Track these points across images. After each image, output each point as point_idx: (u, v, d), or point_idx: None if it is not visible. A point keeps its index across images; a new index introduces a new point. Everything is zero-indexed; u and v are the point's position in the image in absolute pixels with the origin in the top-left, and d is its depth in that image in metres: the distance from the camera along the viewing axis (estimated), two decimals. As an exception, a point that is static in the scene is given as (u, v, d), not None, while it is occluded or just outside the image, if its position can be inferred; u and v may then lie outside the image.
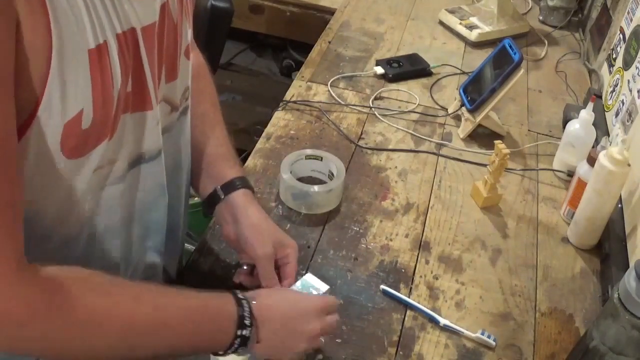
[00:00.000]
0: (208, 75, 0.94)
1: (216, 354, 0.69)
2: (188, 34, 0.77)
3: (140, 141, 0.71)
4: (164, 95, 0.75)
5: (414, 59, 1.45)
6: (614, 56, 1.33)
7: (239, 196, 0.84)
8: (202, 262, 0.91)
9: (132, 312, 0.61)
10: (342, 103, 1.30)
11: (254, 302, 0.69)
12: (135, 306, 0.61)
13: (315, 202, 1.00)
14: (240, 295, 0.69)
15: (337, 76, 1.38)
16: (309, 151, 1.07)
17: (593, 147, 1.11)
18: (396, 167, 1.15)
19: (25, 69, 0.53)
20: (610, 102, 1.26)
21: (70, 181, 0.63)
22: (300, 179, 1.03)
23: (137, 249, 0.79)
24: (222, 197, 0.84)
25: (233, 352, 0.68)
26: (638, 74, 1.13)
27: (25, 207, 0.59)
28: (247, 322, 0.67)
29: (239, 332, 0.66)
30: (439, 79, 1.42)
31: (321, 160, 1.06)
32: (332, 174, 1.04)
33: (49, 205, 0.64)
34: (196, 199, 1.91)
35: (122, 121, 0.66)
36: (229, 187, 0.84)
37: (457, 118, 1.29)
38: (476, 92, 1.22)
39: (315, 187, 1.00)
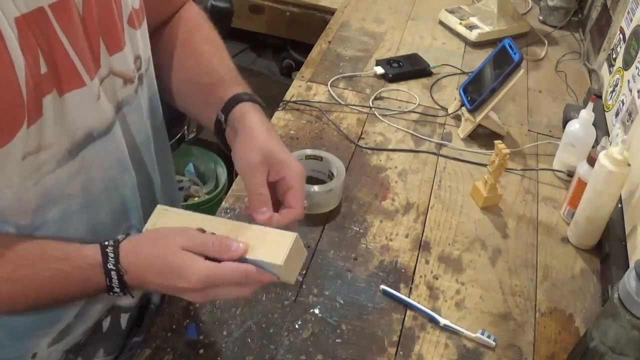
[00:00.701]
0: (204, 17, 0.90)
1: None
2: (130, 2, 0.74)
3: (78, 120, 0.68)
4: (111, 68, 0.72)
5: (414, 59, 1.45)
6: (614, 56, 1.33)
7: (237, 110, 0.75)
8: (202, 262, 0.91)
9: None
10: (342, 103, 1.30)
11: (126, 275, 0.65)
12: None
13: (315, 202, 1.00)
14: (109, 265, 0.65)
15: (337, 76, 1.38)
16: (309, 151, 1.07)
17: (593, 147, 1.12)
18: (396, 167, 1.15)
19: None
20: (610, 102, 1.26)
21: None
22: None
23: (110, 230, 0.77)
24: (223, 119, 0.76)
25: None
26: (638, 74, 1.13)
27: None
28: (116, 290, 0.66)
29: (110, 293, 0.67)
30: (439, 79, 1.42)
31: (321, 160, 1.06)
32: (332, 174, 1.04)
33: None
34: (196, 199, 1.91)
35: (47, 104, 0.63)
36: (228, 106, 0.76)
37: (457, 118, 1.29)
38: (476, 92, 1.22)
39: (315, 187, 1.00)
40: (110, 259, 0.65)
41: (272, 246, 0.65)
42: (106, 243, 0.66)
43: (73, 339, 0.80)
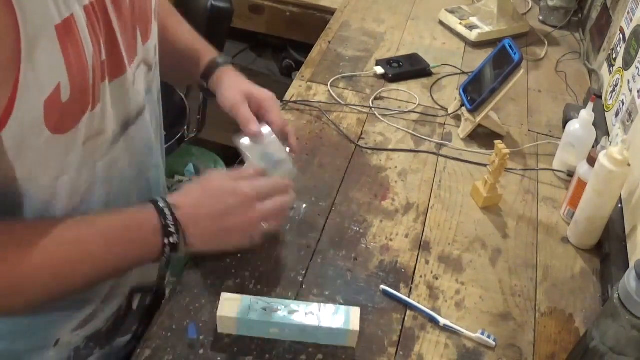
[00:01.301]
0: (169, 5, 0.99)
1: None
2: None
3: (124, 106, 0.72)
4: (144, 57, 0.76)
5: (414, 59, 1.45)
6: (614, 56, 1.33)
7: (216, 75, 0.94)
8: (202, 262, 0.91)
9: (56, 255, 0.64)
10: (342, 103, 1.30)
11: (176, 207, 0.71)
12: (57, 248, 0.64)
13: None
14: (161, 204, 0.71)
15: (337, 76, 1.38)
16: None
17: (593, 147, 1.12)
18: (396, 167, 1.15)
19: None
20: (610, 102, 1.26)
21: (62, 156, 0.64)
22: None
23: None
24: (205, 85, 0.94)
25: (166, 258, 0.71)
26: (638, 74, 1.13)
27: (17, 182, 0.62)
28: (171, 229, 0.69)
29: (165, 241, 0.70)
30: (439, 79, 1.42)
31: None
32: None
33: (42, 180, 0.64)
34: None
35: (102, 90, 0.66)
36: (206, 73, 0.94)
37: (457, 118, 1.29)
38: (476, 92, 1.22)
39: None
40: (159, 200, 0.71)
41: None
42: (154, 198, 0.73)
43: (96, 325, 0.82)
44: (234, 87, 0.91)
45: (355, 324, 0.79)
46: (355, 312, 0.81)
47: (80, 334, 0.80)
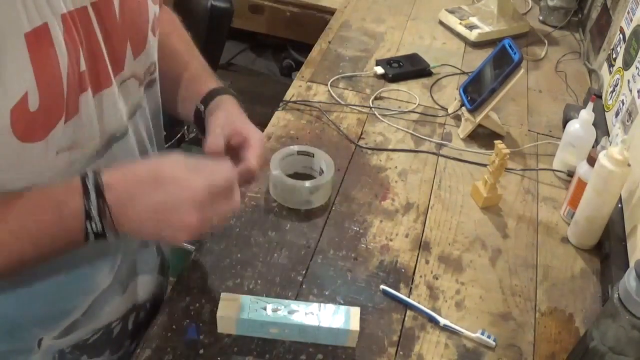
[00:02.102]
0: (177, 21, 0.94)
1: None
2: (153, 9, 0.77)
3: (107, 120, 0.70)
4: (134, 71, 0.74)
5: (414, 59, 1.45)
6: (614, 56, 1.33)
7: (215, 102, 0.83)
8: (202, 262, 0.91)
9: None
10: (342, 103, 1.30)
11: (109, 187, 0.61)
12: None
13: (306, 198, 1.00)
14: (89, 183, 0.61)
15: (337, 76, 1.38)
16: (300, 147, 1.07)
17: (593, 147, 1.12)
18: (396, 167, 1.15)
19: None
20: (610, 102, 1.26)
21: (33, 165, 0.62)
22: (291, 175, 1.04)
23: None
24: (203, 109, 0.83)
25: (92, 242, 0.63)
26: (638, 74, 1.13)
27: None
28: (93, 213, 0.61)
29: (87, 226, 0.61)
30: (439, 79, 1.42)
31: (312, 156, 1.06)
32: (323, 170, 1.04)
33: (14, 188, 0.62)
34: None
35: (83, 101, 0.64)
36: (207, 98, 0.83)
37: (457, 118, 1.29)
38: (476, 92, 1.22)
39: (306, 183, 1.00)
40: (89, 177, 0.61)
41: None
42: (85, 171, 0.63)
43: (80, 335, 0.81)
44: (227, 111, 0.81)
45: (355, 324, 0.79)
46: (355, 312, 0.81)
47: (63, 342, 0.80)
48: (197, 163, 0.66)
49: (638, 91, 1.10)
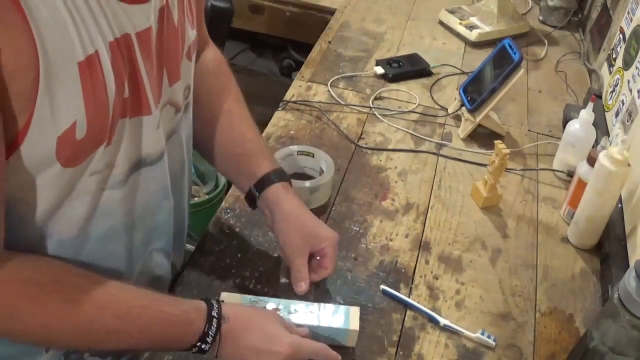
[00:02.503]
0: (228, 71, 0.95)
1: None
2: (190, 35, 0.77)
3: (140, 145, 0.70)
4: (169, 99, 0.74)
5: (414, 59, 1.45)
6: (614, 56, 1.33)
7: (272, 192, 0.85)
8: (202, 262, 0.91)
9: (92, 321, 0.64)
10: (342, 103, 1.30)
11: (226, 320, 0.70)
12: (97, 316, 0.64)
13: (305, 198, 1.00)
14: (214, 312, 0.70)
15: (337, 76, 1.38)
16: (299, 147, 1.07)
17: (593, 147, 1.11)
18: (396, 167, 1.15)
19: (12, 87, 0.53)
20: (610, 102, 1.26)
21: (68, 185, 0.64)
22: (291, 175, 1.04)
23: (140, 253, 0.79)
24: (257, 194, 0.86)
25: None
26: (638, 74, 1.13)
27: (19, 203, 0.61)
28: (209, 340, 0.69)
29: (198, 344, 0.69)
30: (439, 79, 1.42)
31: (312, 156, 1.06)
32: (323, 170, 1.04)
33: (44, 204, 0.64)
34: (196, 199, 1.91)
35: (119, 126, 0.65)
36: (261, 185, 0.85)
37: (457, 118, 1.29)
38: (476, 92, 1.22)
39: (306, 183, 1.00)
40: (214, 307, 0.70)
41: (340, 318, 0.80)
42: (209, 298, 0.72)
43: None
44: (295, 224, 0.83)
45: (354, 324, 0.79)
46: (355, 311, 0.81)
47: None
48: (295, 328, 0.76)
49: (638, 91, 1.10)
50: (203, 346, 0.69)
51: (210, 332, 0.68)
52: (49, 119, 0.56)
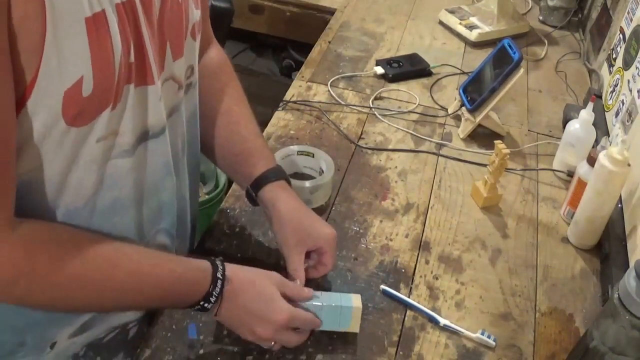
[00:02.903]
0: (231, 71, 0.96)
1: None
2: (194, 14, 0.78)
3: (145, 116, 0.71)
4: (172, 74, 0.75)
5: (414, 59, 1.45)
6: (614, 56, 1.33)
7: (268, 192, 0.86)
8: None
9: (108, 277, 0.67)
10: (342, 103, 1.30)
11: (229, 281, 0.73)
12: (111, 272, 0.67)
13: (305, 198, 1.00)
14: (219, 273, 0.73)
15: (337, 76, 1.38)
16: (300, 147, 1.07)
17: (593, 147, 1.12)
18: (396, 167, 1.15)
19: (21, 39, 0.54)
20: (610, 102, 1.26)
21: (73, 149, 0.64)
22: (291, 175, 1.04)
23: (148, 230, 0.80)
24: (254, 195, 0.87)
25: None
26: (638, 74, 1.13)
27: (28, 173, 0.62)
28: (212, 299, 0.72)
29: (201, 303, 0.72)
30: (439, 79, 1.42)
31: (312, 156, 1.06)
32: (323, 170, 1.04)
33: (51, 171, 0.64)
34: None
35: (125, 92, 0.66)
36: (258, 184, 0.86)
37: (457, 118, 1.29)
38: (476, 92, 1.22)
39: (306, 183, 1.00)
40: (219, 268, 0.73)
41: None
42: (213, 258, 0.74)
43: (95, 334, 0.81)
44: (290, 224, 0.83)
45: (357, 303, 0.80)
46: (357, 297, 0.81)
47: (77, 342, 0.80)
48: (295, 290, 0.78)
49: (638, 91, 1.10)
50: (206, 305, 0.72)
51: (214, 293, 0.72)
52: (56, 72, 0.57)
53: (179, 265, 0.72)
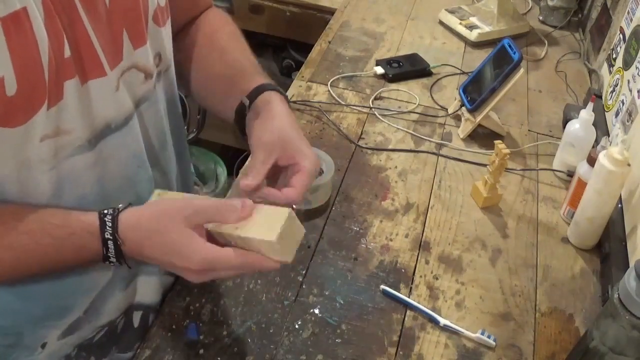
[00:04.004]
0: (228, 19, 0.92)
1: None
2: (155, 0, 0.75)
3: (98, 109, 0.69)
4: (135, 63, 0.73)
5: (414, 59, 1.45)
6: (614, 56, 1.33)
7: (264, 96, 0.77)
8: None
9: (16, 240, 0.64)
10: (342, 103, 1.30)
11: (123, 246, 0.66)
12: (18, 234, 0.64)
13: (305, 198, 1.00)
14: (107, 235, 0.65)
15: (337, 76, 1.38)
16: None
17: (593, 147, 1.11)
18: (396, 167, 1.15)
19: None
20: (610, 102, 1.26)
21: (16, 150, 0.63)
22: None
23: None
24: (247, 104, 0.77)
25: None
26: (638, 74, 1.13)
27: None
28: (112, 259, 0.67)
29: (106, 262, 0.67)
30: (439, 79, 1.42)
31: None
32: (323, 171, 1.04)
33: (3, 177, 0.63)
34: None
35: (67, 88, 0.64)
36: (254, 92, 0.77)
37: (457, 118, 1.29)
38: (476, 92, 1.22)
39: None
40: (107, 227, 0.65)
41: (266, 223, 0.64)
42: (105, 211, 0.66)
43: (84, 334, 0.81)
44: (275, 124, 0.72)
45: (272, 232, 0.62)
46: (283, 214, 0.64)
47: (68, 342, 0.79)
48: (212, 210, 0.65)
49: (638, 91, 1.10)
50: (110, 263, 0.67)
51: (109, 255, 0.66)
52: None
53: (61, 230, 0.66)
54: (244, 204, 0.65)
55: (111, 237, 0.65)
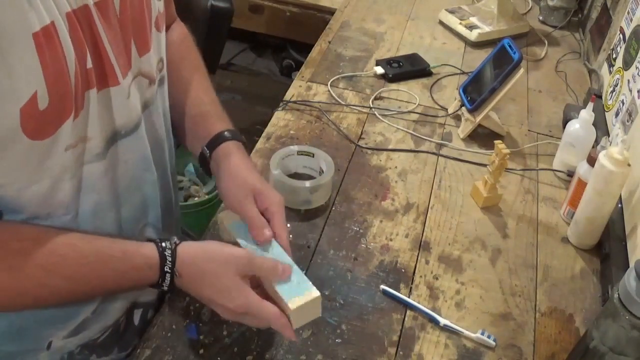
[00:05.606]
0: (192, 44, 0.95)
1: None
2: (157, 5, 0.77)
3: (112, 117, 0.71)
4: (140, 69, 0.75)
5: (414, 59, 1.45)
6: (614, 56, 1.33)
7: (221, 149, 0.83)
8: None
9: (42, 285, 0.65)
10: (342, 103, 1.30)
11: (177, 279, 0.71)
12: (45, 279, 0.65)
13: (305, 198, 1.00)
14: (166, 269, 0.69)
15: (337, 76, 1.38)
16: (299, 147, 1.07)
17: (593, 147, 1.12)
18: (396, 167, 1.15)
19: None
20: (610, 102, 1.26)
21: (42, 162, 0.64)
22: (291, 175, 1.04)
23: (131, 227, 0.79)
24: (208, 154, 0.83)
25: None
26: (638, 74, 1.13)
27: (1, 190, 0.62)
28: (164, 287, 0.71)
29: (156, 287, 0.71)
30: (439, 79, 1.42)
31: (312, 156, 1.06)
32: (323, 170, 1.04)
33: (21, 185, 0.64)
34: (196, 199, 1.91)
35: (87, 98, 0.66)
36: (213, 143, 0.83)
37: (457, 118, 1.29)
38: (476, 92, 1.22)
39: (307, 183, 1.00)
40: (168, 262, 0.70)
41: (297, 288, 0.73)
42: (163, 245, 0.70)
43: (89, 335, 0.81)
44: (239, 177, 0.79)
45: (295, 303, 0.71)
46: (310, 295, 0.73)
47: (73, 342, 0.80)
48: (262, 267, 0.72)
49: (638, 91, 1.10)
50: (161, 289, 0.71)
51: (164, 285, 0.70)
52: (9, 91, 0.56)
53: (123, 263, 0.69)
54: (285, 269, 0.73)
55: (169, 271, 0.70)
